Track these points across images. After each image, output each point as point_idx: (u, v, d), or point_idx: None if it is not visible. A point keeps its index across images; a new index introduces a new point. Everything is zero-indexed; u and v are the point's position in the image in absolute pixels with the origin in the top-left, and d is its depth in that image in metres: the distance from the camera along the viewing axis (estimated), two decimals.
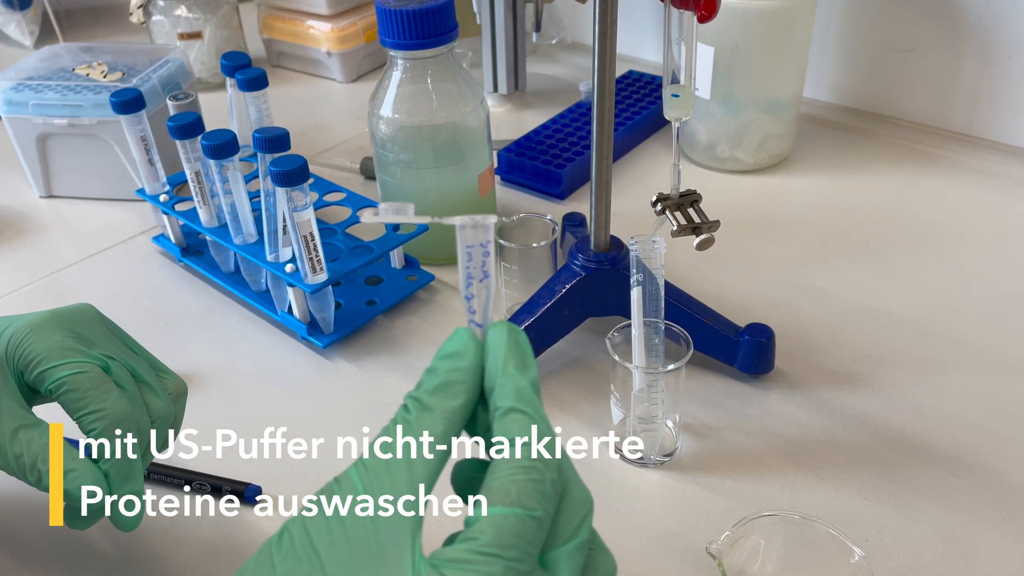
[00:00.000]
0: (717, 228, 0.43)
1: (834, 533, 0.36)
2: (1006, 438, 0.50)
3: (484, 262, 0.29)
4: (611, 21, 0.46)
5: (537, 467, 0.25)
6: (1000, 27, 0.74)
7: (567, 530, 0.26)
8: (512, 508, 0.24)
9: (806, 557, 0.37)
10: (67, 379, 0.38)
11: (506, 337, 0.28)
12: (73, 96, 0.74)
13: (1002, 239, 0.67)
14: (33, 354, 0.38)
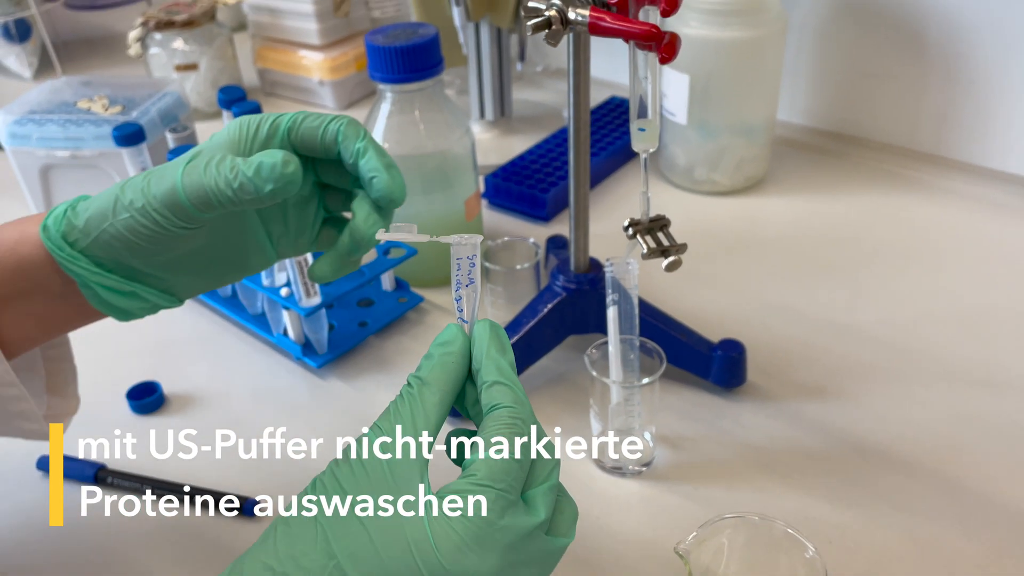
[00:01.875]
0: (684, 251, 0.46)
1: (791, 532, 0.39)
2: (964, 445, 0.53)
3: (471, 271, 0.36)
4: (583, 67, 0.49)
5: (518, 423, 0.33)
6: (962, 53, 0.78)
7: (542, 475, 0.33)
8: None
9: (766, 554, 0.39)
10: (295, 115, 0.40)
11: (488, 329, 0.35)
12: (75, 129, 0.77)
13: (966, 255, 0.71)
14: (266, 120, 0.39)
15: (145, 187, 0.37)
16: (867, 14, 0.81)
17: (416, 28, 0.64)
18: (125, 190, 0.38)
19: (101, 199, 0.38)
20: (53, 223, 0.39)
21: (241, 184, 0.36)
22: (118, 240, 0.38)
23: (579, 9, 0.42)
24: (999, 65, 0.76)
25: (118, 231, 0.38)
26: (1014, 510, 0.48)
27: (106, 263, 0.39)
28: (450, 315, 0.68)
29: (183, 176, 0.36)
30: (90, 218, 0.38)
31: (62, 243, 0.38)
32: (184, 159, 0.37)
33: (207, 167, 0.36)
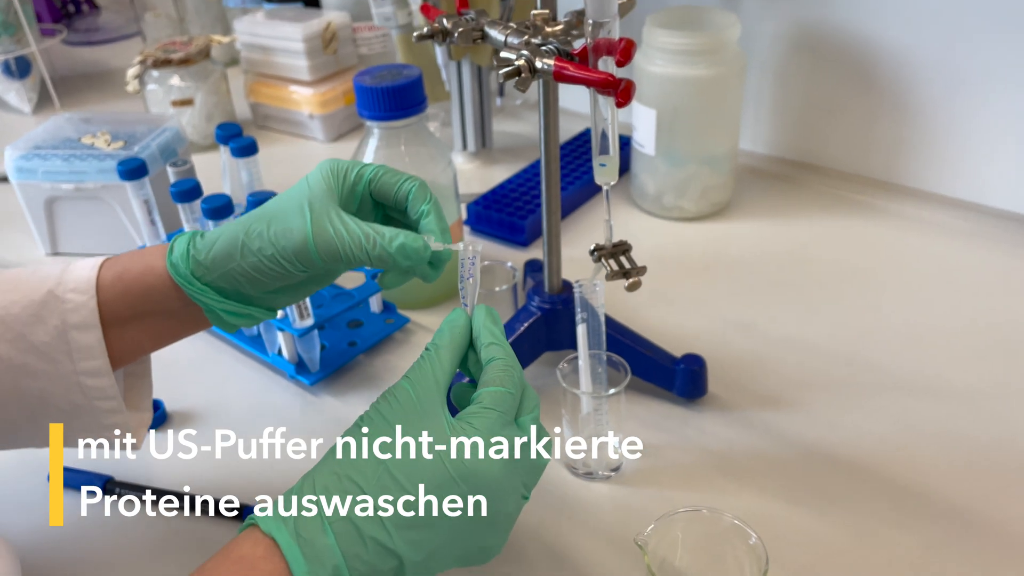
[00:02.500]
0: (644, 273, 0.51)
1: (737, 523, 0.43)
2: (905, 448, 0.58)
3: (472, 269, 0.46)
4: (552, 109, 0.55)
5: (510, 369, 0.43)
6: (910, 87, 0.84)
7: (528, 407, 0.43)
8: (500, 387, 0.42)
9: (715, 543, 0.44)
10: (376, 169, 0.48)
11: (484, 310, 0.45)
12: (79, 163, 0.82)
13: (913, 275, 0.76)
14: (351, 169, 0.48)
15: (274, 239, 0.45)
16: (821, 52, 0.88)
17: (401, 69, 0.69)
18: (251, 238, 0.45)
19: (223, 242, 0.46)
20: (180, 260, 0.46)
21: (380, 255, 0.45)
22: (243, 276, 0.46)
23: (545, 59, 0.47)
24: (944, 98, 0.82)
25: (244, 270, 0.46)
26: (946, 506, 0.53)
27: (226, 292, 0.47)
28: (432, 334, 0.72)
29: (313, 235, 0.44)
30: (216, 258, 0.46)
31: (191, 278, 0.46)
32: (298, 210, 0.45)
33: (337, 231, 0.45)
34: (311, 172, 0.48)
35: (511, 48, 0.49)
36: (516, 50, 0.48)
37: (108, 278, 0.47)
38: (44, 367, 0.46)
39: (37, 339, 0.46)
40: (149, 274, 0.47)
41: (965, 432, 0.59)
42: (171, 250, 0.47)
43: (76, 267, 0.48)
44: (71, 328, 0.46)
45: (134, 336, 0.48)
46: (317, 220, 0.45)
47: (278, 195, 0.48)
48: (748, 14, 0.89)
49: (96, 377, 0.47)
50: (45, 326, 0.46)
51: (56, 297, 0.46)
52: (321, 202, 0.45)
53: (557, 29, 0.50)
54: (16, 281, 0.48)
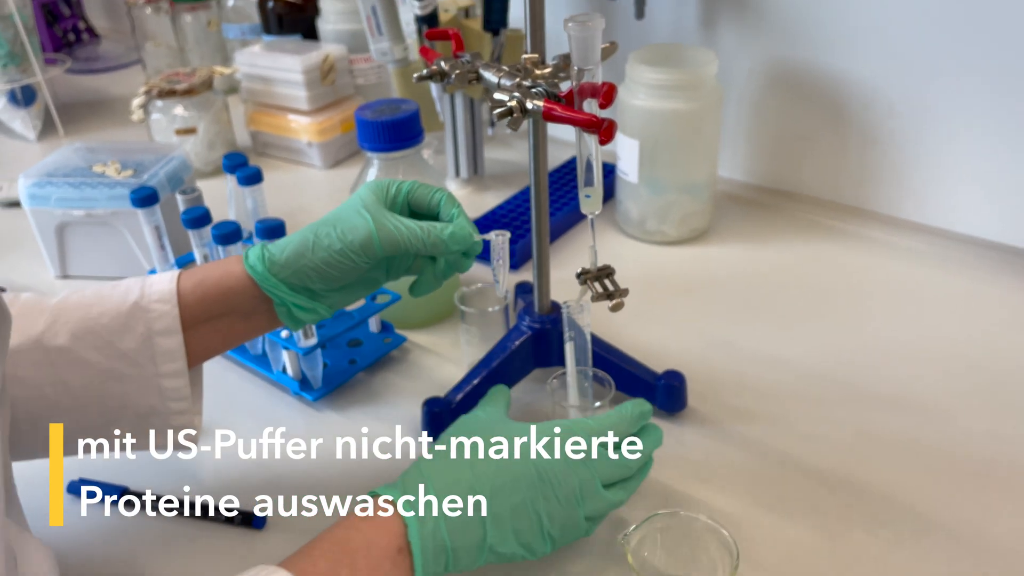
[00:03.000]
0: (627, 295, 0.56)
1: (710, 522, 0.48)
2: (869, 457, 0.62)
3: (501, 252, 0.57)
4: (541, 144, 0.59)
5: None
6: (877, 120, 0.89)
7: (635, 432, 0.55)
8: None
9: (690, 540, 0.48)
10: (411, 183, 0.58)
11: None
12: (90, 191, 0.86)
13: (881, 296, 0.81)
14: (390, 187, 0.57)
15: (341, 236, 0.53)
16: (794, 86, 0.93)
17: (399, 104, 0.74)
18: (319, 237, 0.54)
19: (294, 243, 0.54)
20: (256, 262, 0.54)
21: (434, 242, 0.54)
22: (314, 271, 0.54)
23: (535, 100, 0.51)
24: (910, 130, 0.87)
25: (315, 264, 0.54)
26: (909, 509, 0.58)
27: (296, 287, 0.55)
28: (429, 353, 0.77)
29: (376, 230, 0.53)
30: (289, 256, 0.54)
31: (267, 275, 0.54)
32: (357, 214, 0.54)
33: (395, 226, 0.54)
34: (359, 190, 0.56)
35: (504, 90, 0.54)
36: (508, 92, 0.53)
37: (188, 286, 0.54)
38: (130, 371, 0.53)
39: (125, 346, 0.53)
40: (228, 278, 0.55)
41: (925, 441, 0.63)
42: (246, 256, 0.55)
43: (155, 280, 0.55)
44: (155, 334, 0.53)
45: (208, 337, 0.56)
46: (377, 219, 0.54)
47: (334, 209, 0.56)
48: (725, 51, 0.95)
49: (174, 378, 0.54)
50: (132, 334, 0.53)
51: (141, 308, 0.53)
52: (376, 207, 0.55)
53: (546, 72, 0.55)
54: (100, 296, 0.54)
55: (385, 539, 0.46)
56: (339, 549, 0.46)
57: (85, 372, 0.53)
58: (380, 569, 0.46)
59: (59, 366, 0.52)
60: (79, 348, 0.53)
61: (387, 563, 0.46)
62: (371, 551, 0.46)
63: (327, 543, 0.46)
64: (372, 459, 0.65)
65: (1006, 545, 0.55)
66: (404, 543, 0.47)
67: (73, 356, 0.52)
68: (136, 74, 1.54)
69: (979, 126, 0.83)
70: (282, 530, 0.59)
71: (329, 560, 0.45)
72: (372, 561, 0.45)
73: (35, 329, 0.52)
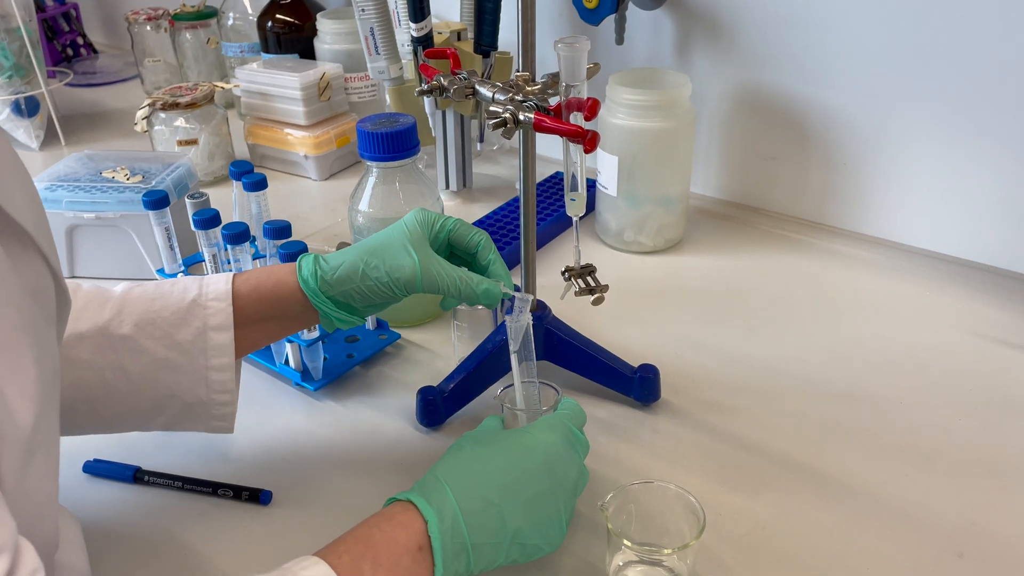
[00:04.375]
0: (607, 290, 0.61)
1: (680, 489, 0.53)
2: (826, 444, 0.68)
3: (518, 315, 0.60)
4: (531, 153, 0.65)
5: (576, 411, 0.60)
6: (838, 141, 0.96)
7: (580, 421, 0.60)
8: None
9: (662, 506, 0.54)
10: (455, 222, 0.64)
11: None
12: (100, 195, 0.91)
13: (840, 302, 0.87)
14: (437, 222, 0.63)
15: (389, 271, 0.59)
16: (762, 109, 1.00)
17: (397, 117, 0.79)
18: (369, 268, 0.59)
19: (346, 268, 0.60)
20: (310, 278, 0.60)
21: (468, 295, 0.60)
22: (357, 294, 0.60)
23: (526, 113, 0.58)
24: (869, 150, 0.95)
25: (360, 290, 0.60)
26: (860, 490, 0.63)
27: (339, 303, 0.61)
28: (421, 349, 0.82)
29: (421, 273, 0.59)
30: (339, 278, 0.60)
31: (317, 291, 0.60)
32: (403, 250, 0.60)
33: (438, 272, 0.59)
34: (406, 218, 0.62)
35: (498, 103, 0.60)
36: (502, 105, 0.59)
37: (244, 289, 0.60)
38: (182, 361, 0.58)
39: (181, 337, 0.58)
40: (281, 287, 0.61)
41: (876, 431, 0.69)
42: (300, 268, 0.61)
43: (212, 280, 0.60)
44: (210, 329, 0.59)
45: (254, 336, 0.62)
46: (423, 262, 0.59)
47: (379, 234, 0.62)
48: (698, 75, 1.02)
49: (222, 372, 0.59)
50: (189, 327, 0.58)
51: (199, 305, 0.59)
52: (420, 245, 0.60)
53: (536, 88, 0.61)
54: (161, 292, 0.59)
55: (405, 536, 0.48)
56: (362, 545, 0.47)
57: (142, 359, 0.58)
58: (400, 565, 0.47)
59: (120, 352, 0.58)
60: (140, 337, 0.58)
61: (407, 559, 0.47)
62: (392, 547, 0.47)
63: (350, 540, 0.48)
64: (369, 444, 0.70)
65: (946, 520, 0.61)
66: (425, 540, 0.48)
67: (134, 344, 0.58)
68: (134, 88, 1.59)
69: (933, 147, 0.90)
70: (286, 506, 0.64)
71: (353, 554, 0.47)
72: (393, 556, 0.47)
73: (102, 318, 0.58)
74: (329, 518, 0.62)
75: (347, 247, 0.62)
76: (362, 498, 0.63)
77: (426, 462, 0.67)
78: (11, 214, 0.40)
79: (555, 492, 0.53)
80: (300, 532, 0.61)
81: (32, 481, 0.40)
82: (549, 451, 0.54)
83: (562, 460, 0.54)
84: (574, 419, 0.59)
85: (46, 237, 0.44)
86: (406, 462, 0.68)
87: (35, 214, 0.43)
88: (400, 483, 0.65)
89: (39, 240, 0.43)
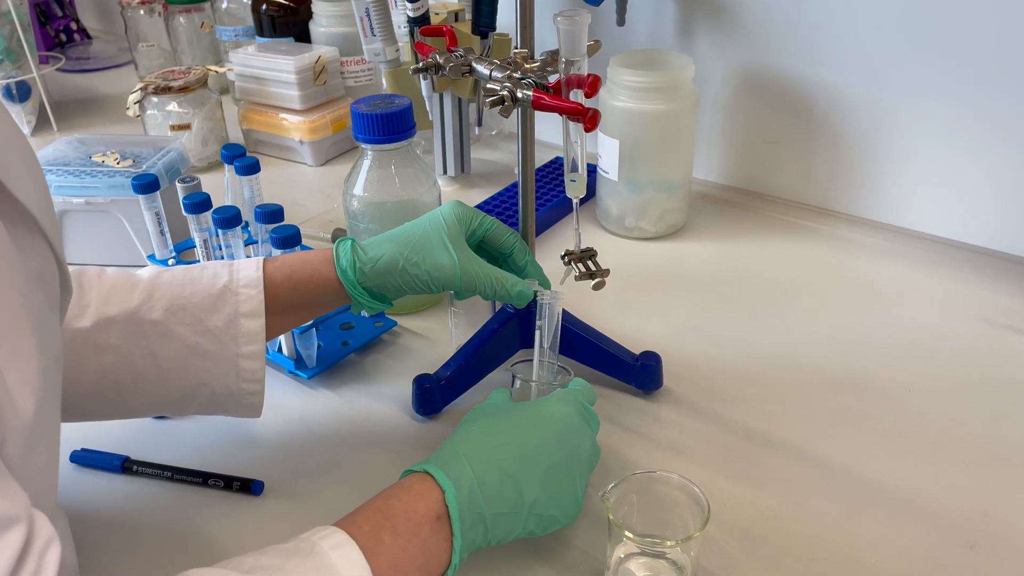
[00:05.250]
0: (608, 275, 0.60)
1: (684, 479, 0.51)
2: (830, 433, 0.66)
3: (547, 314, 0.61)
4: (529, 132, 0.63)
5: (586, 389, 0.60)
6: (844, 124, 0.94)
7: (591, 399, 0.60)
8: None
9: (665, 496, 0.52)
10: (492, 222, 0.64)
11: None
12: (90, 179, 0.89)
13: (845, 288, 0.86)
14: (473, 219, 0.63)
15: (430, 271, 0.60)
16: (766, 93, 0.98)
17: (392, 99, 0.77)
18: (409, 264, 0.60)
19: (385, 262, 0.60)
20: (349, 268, 0.60)
21: (502, 295, 0.61)
22: (393, 286, 0.61)
23: (525, 90, 0.56)
24: (875, 134, 0.93)
25: (397, 283, 0.61)
26: (865, 480, 0.62)
27: (375, 294, 0.62)
28: (418, 336, 0.80)
29: (461, 274, 0.60)
30: (377, 271, 0.60)
31: (355, 282, 0.61)
32: (442, 246, 0.60)
33: (476, 273, 0.61)
34: (443, 210, 0.63)
35: (495, 81, 0.58)
36: (500, 82, 0.57)
37: (279, 277, 0.60)
38: (213, 348, 0.57)
39: (212, 324, 0.57)
40: (317, 277, 0.61)
41: (883, 419, 0.68)
42: (338, 258, 0.61)
43: (243, 266, 0.59)
44: (242, 316, 0.58)
45: (285, 322, 0.62)
46: (462, 262, 0.60)
47: (415, 223, 0.62)
48: (700, 57, 1.00)
49: (252, 360, 0.58)
50: (220, 313, 0.57)
51: (231, 291, 0.58)
52: (459, 243, 0.61)
53: (534, 66, 0.59)
54: (190, 277, 0.58)
55: (424, 505, 0.48)
56: (380, 515, 0.47)
57: (172, 345, 0.57)
58: (419, 535, 0.47)
59: (151, 338, 0.57)
60: (171, 323, 0.57)
61: (426, 528, 0.47)
62: (411, 516, 0.47)
63: (369, 510, 0.48)
64: (364, 433, 0.68)
65: (957, 512, 0.59)
66: (443, 510, 0.48)
67: (165, 329, 0.57)
68: (128, 74, 1.56)
69: (939, 130, 0.88)
70: (279, 496, 0.62)
71: (372, 524, 0.46)
72: (412, 526, 0.47)
73: (131, 303, 0.57)
74: (323, 509, 0.60)
75: (381, 237, 0.62)
76: (357, 488, 0.61)
77: (422, 451, 0.65)
78: (18, 198, 0.39)
79: (570, 464, 0.53)
80: (293, 523, 0.60)
81: (34, 471, 0.39)
82: (564, 422, 0.54)
83: (576, 432, 0.54)
84: (585, 396, 0.58)
85: (51, 222, 0.44)
86: (402, 451, 0.66)
87: (41, 198, 0.43)
88: (396, 472, 0.62)
89: (44, 225, 0.42)
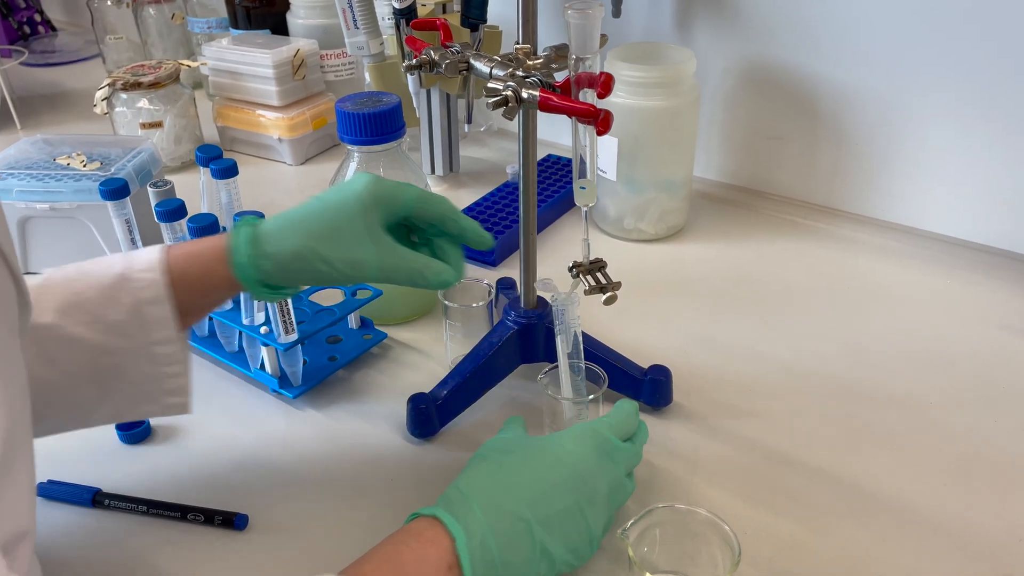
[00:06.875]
0: (619, 288, 0.55)
1: (711, 515, 0.47)
2: (853, 451, 0.63)
3: (561, 318, 0.58)
4: (531, 135, 0.59)
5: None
6: (849, 121, 0.91)
7: (638, 437, 0.58)
8: None
9: (691, 534, 0.48)
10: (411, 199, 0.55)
11: None
12: (55, 184, 0.83)
13: (854, 292, 0.82)
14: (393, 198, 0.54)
15: (344, 267, 0.52)
16: (768, 87, 0.94)
17: (380, 97, 0.72)
18: (320, 257, 0.52)
19: (289, 255, 0.52)
20: (249, 265, 0.52)
21: (422, 286, 0.53)
22: (300, 277, 0.53)
23: (531, 90, 0.51)
24: (880, 131, 0.89)
25: (303, 278, 0.54)
26: (893, 502, 0.58)
27: (272, 284, 0.54)
28: (410, 349, 0.75)
29: (379, 267, 0.52)
30: (281, 266, 0.52)
31: (256, 282, 0.53)
32: (358, 237, 0.52)
33: (396, 265, 0.53)
34: (357, 188, 0.53)
35: (497, 80, 0.53)
36: (502, 81, 0.52)
37: (178, 268, 0.53)
38: (120, 343, 0.52)
39: (112, 318, 0.51)
40: (211, 276, 0.53)
41: (907, 435, 0.64)
42: (233, 253, 0.53)
43: (140, 252, 0.54)
44: (144, 303, 0.52)
45: (196, 305, 0.55)
46: (381, 258, 0.52)
47: (324, 204, 0.53)
48: (700, 51, 0.95)
49: (166, 345, 0.53)
50: (119, 305, 0.51)
51: (126, 279, 0.52)
52: (375, 232, 0.53)
53: (538, 62, 0.54)
54: (82, 271, 0.53)
55: (435, 554, 0.45)
56: (389, 565, 0.45)
57: (73, 348, 0.51)
58: None
59: (46, 344, 0.51)
60: (66, 324, 0.51)
61: None
62: (422, 567, 0.45)
63: (377, 559, 0.45)
64: (355, 458, 0.63)
65: (991, 537, 0.55)
66: (454, 559, 0.45)
67: (60, 333, 0.51)
68: (95, 68, 1.49)
69: (948, 126, 0.85)
70: (265, 531, 0.57)
71: (382, 574, 0.44)
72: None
73: None
74: (313, 543, 0.56)
75: (284, 222, 0.54)
76: (350, 520, 0.57)
77: (418, 477, 0.61)
78: None
79: (583, 507, 0.50)
80: (281, 560, 0.55)
81: (6, 505, 0.35)
82: (578, 464, 0.51)
83: (592, 473, 0.51)
84: (617, 428, 0.54)
85: (4, 235, 0.39)
86: (398, 478, 0.61)
87: None
88: (391, 500, 0.59)
89: None
